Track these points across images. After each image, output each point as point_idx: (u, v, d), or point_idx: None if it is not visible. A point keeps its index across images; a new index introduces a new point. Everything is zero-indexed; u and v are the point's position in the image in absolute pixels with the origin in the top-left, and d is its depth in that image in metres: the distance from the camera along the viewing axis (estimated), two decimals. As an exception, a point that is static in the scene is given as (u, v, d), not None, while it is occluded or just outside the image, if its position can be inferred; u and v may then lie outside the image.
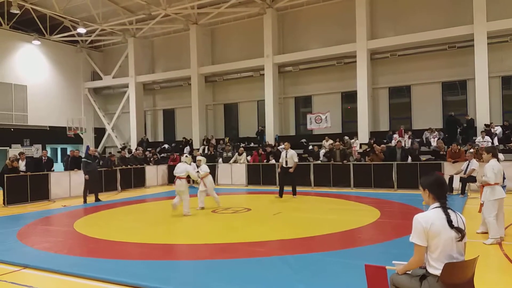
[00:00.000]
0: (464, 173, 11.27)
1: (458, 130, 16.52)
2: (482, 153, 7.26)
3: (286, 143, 12.76)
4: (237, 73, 22.52)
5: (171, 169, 18.57)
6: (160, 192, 15.46)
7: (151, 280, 4.72)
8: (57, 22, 24.17)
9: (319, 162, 16.16)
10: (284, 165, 12.15)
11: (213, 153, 19.21)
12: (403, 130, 17.07)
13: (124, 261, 5.65)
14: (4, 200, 12.35)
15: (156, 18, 22.06)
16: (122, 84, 25.90)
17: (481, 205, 6.38)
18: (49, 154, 24.56)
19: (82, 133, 25.83)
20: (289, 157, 12.07)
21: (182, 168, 9.62)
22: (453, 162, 12.85)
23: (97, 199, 12.66)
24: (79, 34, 24.19)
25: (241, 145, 19.58)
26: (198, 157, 11.22)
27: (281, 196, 12.19)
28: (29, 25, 23.81)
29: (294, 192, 12.25)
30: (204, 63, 23.11)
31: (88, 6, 21.32)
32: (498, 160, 6.62)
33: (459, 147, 13.28)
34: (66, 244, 6.95)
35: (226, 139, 21.43)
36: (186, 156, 10.36)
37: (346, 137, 17.95)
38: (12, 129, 22.58)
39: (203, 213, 9.68)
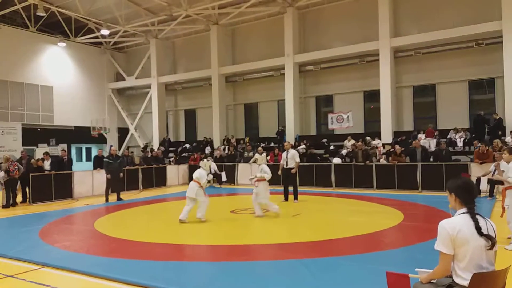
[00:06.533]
0: (492, 175, 10.82)
1: (486, 130, 15.94)
2: (503, 153, 6.96)
3: (286, 143, 12.10)
4: (258, 72, 22.45)
5: (191, 168, 18.73)
6: (181, 191, 15.49)
7: (167, 283, 4.67)
8: (82, 24, 24.68)
9: (340, 162, 15.86)
10: (285, 166, 11.33)
11: (233, 153, 19.19)
12: (432, 130, 16.67)
13: (144, 262, 5.61)
14: (29, 198, 12.69)
15: (178, 19, 22.20)
16: (144, 85, 26.24)
17: (504, 209, 6.11)
18: (74, 154, 25.20)
19: (106, 133, 26.33)
20: (290, 157, 11.27)
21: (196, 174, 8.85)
22: (481, 163, 12.40)
23: (118, 198, 12.83)
24: (103, 36, 24.65)
25: (260, 145, 19.48)
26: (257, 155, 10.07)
27: (286, 199, 11.43)
28: (55, 27, 24.44)
29: (296, 196, 11.33)
30: (224, 63, 23.13)
31: (111, 8, 21.69)
32: None
33: (487, 147, 12.81)
34: (86, 243, 7.01)
35: (246, 139, 21.38)
36: (207, 161, 9.44)
37: (368, 137, 17.60)
38: (39, 129, 23.23)
39: (221, 214, 9.62)
